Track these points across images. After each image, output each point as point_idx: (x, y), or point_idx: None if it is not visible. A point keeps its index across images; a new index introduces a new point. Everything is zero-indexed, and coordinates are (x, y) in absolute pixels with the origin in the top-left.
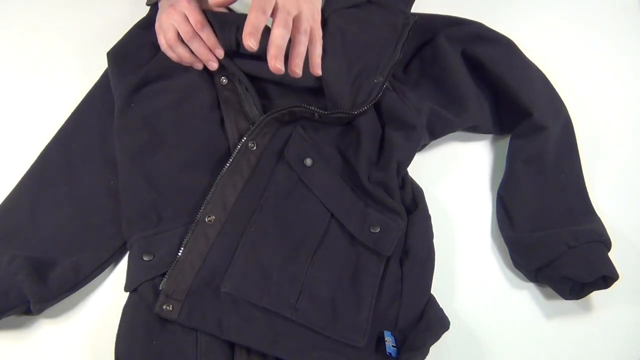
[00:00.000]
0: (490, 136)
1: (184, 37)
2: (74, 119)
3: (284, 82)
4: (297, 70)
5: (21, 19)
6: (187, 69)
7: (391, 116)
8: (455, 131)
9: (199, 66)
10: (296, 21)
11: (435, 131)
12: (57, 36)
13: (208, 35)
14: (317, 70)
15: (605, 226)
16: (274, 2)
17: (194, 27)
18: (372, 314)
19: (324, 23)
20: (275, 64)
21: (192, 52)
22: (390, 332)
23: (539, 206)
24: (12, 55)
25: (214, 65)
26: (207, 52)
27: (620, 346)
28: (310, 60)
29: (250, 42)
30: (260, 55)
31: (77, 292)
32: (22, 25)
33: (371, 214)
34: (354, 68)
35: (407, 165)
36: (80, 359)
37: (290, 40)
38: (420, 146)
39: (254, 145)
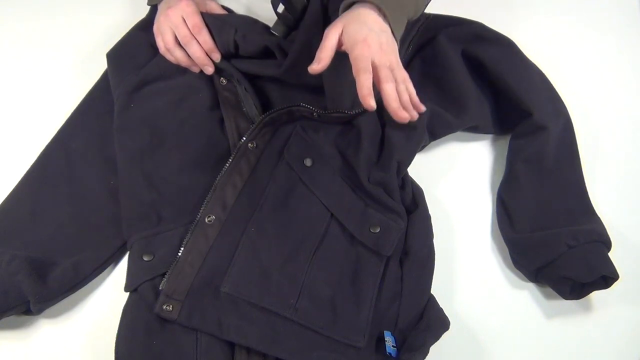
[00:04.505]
0: (490, 136)
1: (181, 41)
2: (73, 119)
3: (285, 79)
4: (413, 113)
5: (22, 19)
6: (186, 70)
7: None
8: (455, 132)
9: (196, 69)
10: (393, 74)
11: (436, 132)
12: (58, 37)
13: (205, 38)
14: (420, 107)
15: (605, 226)
16: (370, 61)
17: (191, 30)
18: (372, 314)
19: (326, 17)
20: (402, 115)
21: (189, 55)
22: (390, 332)
23: (539, 206)
24: (12, 55)
25: (209, 70)
26: (204, 57)
27: (620, 346)
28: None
29: (371, 102)
30: (256, 56)
31: (77, 292)
32: (22, 25)
33: (371, 214)
34: None
35: (408, 166)
36: (80, 359)
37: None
38: (420, 147)
39: (254, 145)
